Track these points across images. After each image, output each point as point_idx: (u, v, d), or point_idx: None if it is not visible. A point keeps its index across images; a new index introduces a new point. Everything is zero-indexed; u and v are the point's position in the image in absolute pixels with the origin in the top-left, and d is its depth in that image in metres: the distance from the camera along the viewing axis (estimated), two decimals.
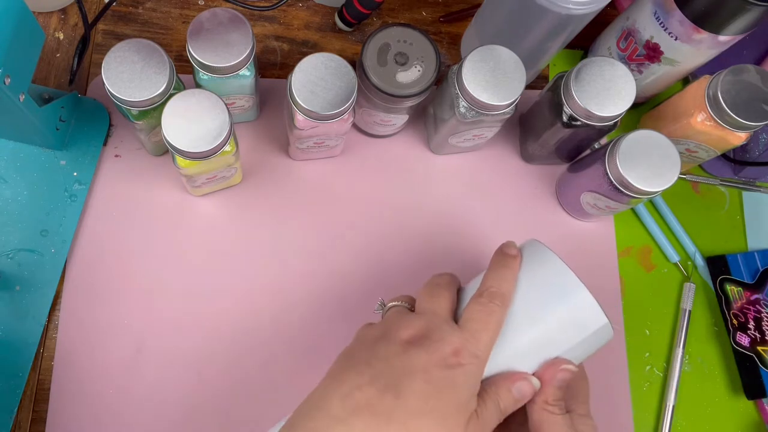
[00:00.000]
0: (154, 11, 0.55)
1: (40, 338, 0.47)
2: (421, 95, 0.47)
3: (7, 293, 0.47)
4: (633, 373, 0.55)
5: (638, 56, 0.53)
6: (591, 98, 0.47)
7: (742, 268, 0.58)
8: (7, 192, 0.49)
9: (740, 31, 0.46)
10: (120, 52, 0.41)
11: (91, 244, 0.49)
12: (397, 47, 0.47)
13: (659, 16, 0.48)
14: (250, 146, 0.54)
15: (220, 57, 0.43)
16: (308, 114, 0.44)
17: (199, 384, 0.48)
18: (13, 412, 0.45)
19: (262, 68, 0.56)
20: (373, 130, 0.54)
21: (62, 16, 0.54)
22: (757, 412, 0.56)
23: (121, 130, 0.52)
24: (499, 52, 0.46)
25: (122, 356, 0.48)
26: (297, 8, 0.58)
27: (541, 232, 0.57)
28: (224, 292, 0.50)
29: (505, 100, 0.46)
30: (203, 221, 0.52)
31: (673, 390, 0.54)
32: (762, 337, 0.56)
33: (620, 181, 0.47)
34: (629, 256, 0.58)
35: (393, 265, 0.53)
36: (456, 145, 0.54)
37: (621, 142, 0.47)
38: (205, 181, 0.48)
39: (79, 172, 0.50)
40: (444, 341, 0.35)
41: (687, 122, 0.51)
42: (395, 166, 0.56)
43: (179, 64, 0.53)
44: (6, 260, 0.48)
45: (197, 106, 0.41)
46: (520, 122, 0.58)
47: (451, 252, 0.54)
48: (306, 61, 0.44)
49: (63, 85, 0.52)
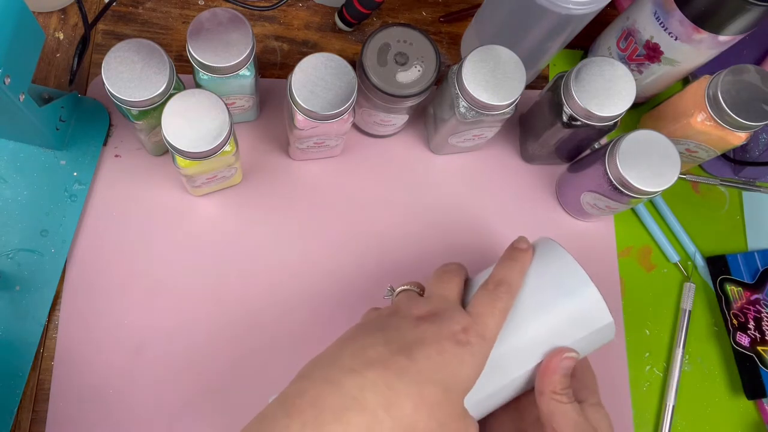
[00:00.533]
0: (154, 11, 0.55)
1: (40, 338, 0.47)
2: (421, 95, 0.47)
3: (7, 293, 0.47)
4: (633, 373, 0.55)
5: (638, 56, 0.53)
6: (591, 98, 0.47)
7: (742, 268, 0.58)
8: (7, 192, 0.49)
9: (740, 31, 0.46)
10: (120, 52, 0.41)
11: (91, 244, 0.49)
12: (397, 47, 0.47)
13: (659, 16, 0.48)
14: (250, 146, 0.54)
15: (220, 57, 0.43)
16: (308, 114, 0.44)
17: (199, 384, 0.48)
18: (13, 412, 0.45)
19: (262, 68, 0.56)
20: (373, 130, 0.54)
21: (62, 16, 0.54)
22: (757, 412, 0.56)
23: (121, 130, 0.52)
24: (499, 52, 0.46)
25: (122, 356, 0.48)
26: (297, 8, 0.58)
27: (541, 232, 0.56)
28: (224, 291, 0.50)
29: (505, 100, 0.46)
30: (203, 221, 0.52)
31: (673, 390, 0.54)
32: (762, 337, 0.56)
33: (620, 181, 0.47)
34: (629, 256, 0.58)
35: (393, 264, 0.53)
36: (456, 145, 0.54)
37: (621, 142, 0.47)
38: (205, 181, 0.48)
39: (79, 172, 0.50)
40: (453, 320, 0.36)
41: (687, 122, 0.51)
42: (395, 166, 0.56)
43: (179, 64, 0.53)
44: (6, 260, 0.48)
45: (197, 106, 0.41)
46: (520, 122, 0.58)
47: (451, 252, 0.54)
48: (306, 61, 0.44)
49: (63, 85, 0.52)
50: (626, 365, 0.55)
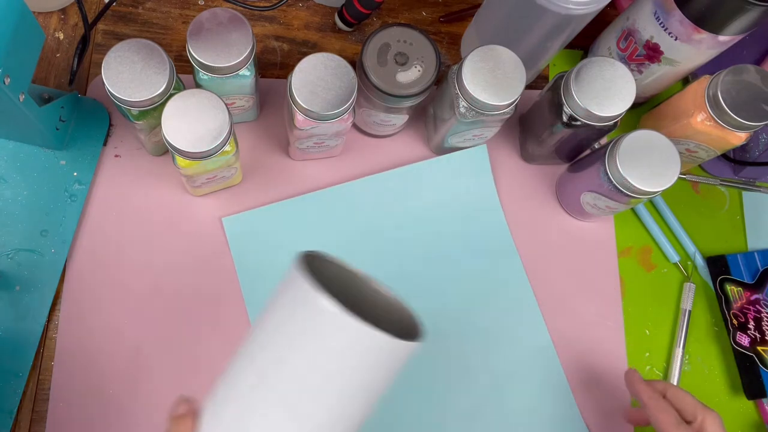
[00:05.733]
0: (154, 11, 0.55)
1: (40, 338, 0.47)
2: (421, 95, 0.47)
3: (7, 293, 0.47)
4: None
5: (638, 56, 0.53)
6: (591, 98, 0.47)
7: (742, 268, 0.58)
8: (7, 192, 0.49)
9: (740, 31, 0.46)
10: (120, 52, 0.41)
11: (91, 244, 0.49)
12: (397, 47, 0.47)
13: (659, 16, 0.48)
14: (250, 146, 0.54)
15: (220, 57, 0.43)
16: (308, 114, 0.44)
17: (198, 383, 0.48)
18: (13, 412, 0.45)
19: (262, 68, 0.56)
20: (373, 130, 0.54)
21: (62, 16, 0.54)
22: (757, 412, 0.56)
23: (121, 130, 0.52)
24: (499, 52, 0.46)
25: (122, 356, 0.48)
26: (297, 8, 0.58)
27: (541, 232, 0.57)
28: (224, 291, 0.50)
29: (505, 100, 0.46)
30: (203, 221, 0.52)
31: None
32: (762, 337, 0.56)
33: (620, 181, 0.47)
34: (629, 256, 0.58)
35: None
36: (456, 145, 0.54)
37: (621, 142, 0.47)
38: (205, 181, 0.48)
39: (79, 172, 0.50)
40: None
41: (687, 122, 0.51)
42: (395, 166, 0.56)
43: (179, 64, 0.53)
44: (6, 260, 0.47)
45: (197, 106, 0.41)
46: (520, 122, 0.58)
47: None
48: (306, 61, 0.44)
49: (63, 85, 0.52)
50: (626, 365, 0.55)
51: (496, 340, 0.53)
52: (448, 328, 0.52)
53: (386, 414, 0.49)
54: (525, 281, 0.54)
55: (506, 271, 0.54)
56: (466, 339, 0.52)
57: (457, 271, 0.54)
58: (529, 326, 0.54)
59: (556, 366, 0.53)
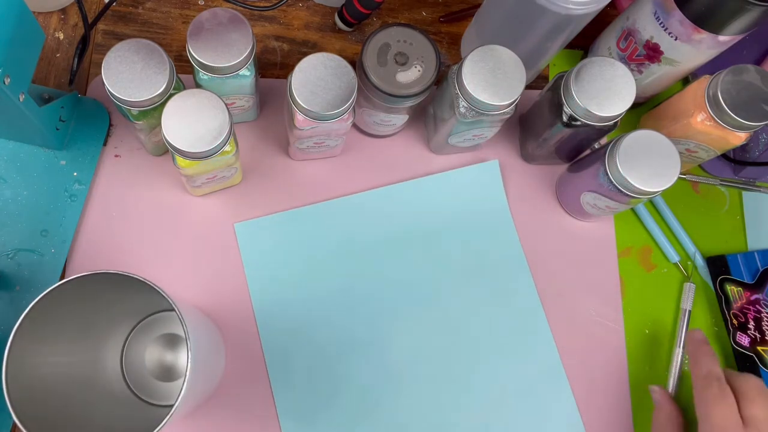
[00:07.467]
0: (154, 11, 0.55)
1: None
2: (421, 95, 0.47)
3: (7, 293, 0.47)
4: (633, 373, 0.55)
5: (638, 56, 0.53)
6: (591, 98, 0.47)
7: (742, 268, 0.58)
8: (7, 192, 0.49)
9: (740, 31, 0.46)
10: (120, 52, 0.41)
11: (91, 244, 0.49)
12: (397, 47, 0.47)
13: (659, 16, 0.48)
14: (250, 146, 0.54)
15: (220, 57, 0.43)
16: (308, 114, 0.44)
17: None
18: None
19: (262, 68, 0.56)
20: (373, 130, 0.54)
21: (62, 16, 0.54)
22: None
23: (121, 130, 0.52)
24: (499, 52, 0.46)
25: None
26: (297, 8, 0.58)
27: (541, 232, 0.57)
28: (224, 291, 0.50)
29: (505, 100, 0.46)
30: (203, 221, 0.52)
31: (673, 390, 0.54)
32: (762, 337, 0.56)
33: (620, 181, 0.47)
34: (629, 256, 0.58)
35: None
36: (456, 145, 0.54)
37: (621, 142, 0.47)
38: (205, 181, 0.48)
39: (79, 172, 0.50)
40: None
41: (687, 122, 0.51)
42: (395, 166, 0.56)
43: (179, 64, 0.53)
44: (6, 260, 0.47)
45: (197, 106, 0.41)
46: (520, 122, 0.58)
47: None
48: (306, 61, 0.44)
49: (63, 85, 0.52)
50: (626, 365, 0.55)
51: (504, 351, 0.53)
52: (456, 340, 0.52)
53: (391, 425, 0.49)
54: (534, 295, 0.54)
55: (516, 284, 0.54)
56: (473, 350, 0.53)
57: (466, 283, 0.54)
58: (538, 339, 0.54)
59: (560, 372, 0.53)
